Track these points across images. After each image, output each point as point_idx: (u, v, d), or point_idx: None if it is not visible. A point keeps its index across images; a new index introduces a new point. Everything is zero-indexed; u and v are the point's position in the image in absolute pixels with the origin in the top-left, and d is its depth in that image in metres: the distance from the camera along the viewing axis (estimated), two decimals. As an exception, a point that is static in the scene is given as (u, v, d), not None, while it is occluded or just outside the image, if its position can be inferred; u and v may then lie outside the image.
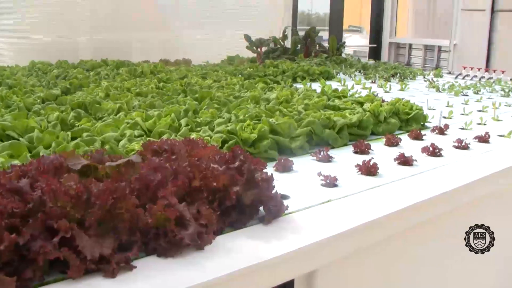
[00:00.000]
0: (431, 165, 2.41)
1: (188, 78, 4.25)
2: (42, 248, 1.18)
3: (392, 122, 3.00)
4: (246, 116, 2.66)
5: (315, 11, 9.59)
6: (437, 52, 9.47)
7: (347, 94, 3.72)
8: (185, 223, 1.39)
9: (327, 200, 1.87)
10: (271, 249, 1.46)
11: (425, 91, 4.73)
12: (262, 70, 4.86)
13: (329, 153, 2.41)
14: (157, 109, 2.89)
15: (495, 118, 3.52)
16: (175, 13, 6.57)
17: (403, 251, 2.09)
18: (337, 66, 5.90)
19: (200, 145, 1.76)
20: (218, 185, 1.52)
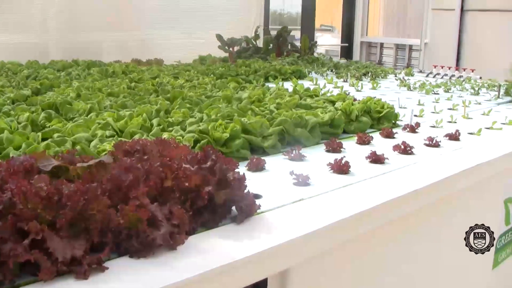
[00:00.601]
0: (402, 163, 2.43)
1: (160, 78, 4.23)
2: (13, 251, 1.17)
3: (363, 120, 3.02)
4: (218, 115, 2.66)
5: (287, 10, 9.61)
6: (408, 51, 9.56)
7: (319, 93, 3.74)
8: (157, 223, 1.38)
9: (299, 199, 1.88)
10: (244, 249, 1.47)
11: (397, 89, 4.77)
12: (234, 70, 4.85)
13: (301, 152, 2.42)
14: (129, 109, 2.87)
15: (465, 116, 3.57)
16: (147, 13, 6.53)
17: (375, 248, 2.10)
18: (309, 65, 5.92)
19: (172, 145, 1.75)
20: (190, 185, 1.52)
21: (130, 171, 1.48)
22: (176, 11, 6.72)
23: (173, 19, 6.73)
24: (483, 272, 3.00)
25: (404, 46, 9.59)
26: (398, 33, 9.91)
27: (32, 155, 1.53)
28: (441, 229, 2.51)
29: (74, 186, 1.31)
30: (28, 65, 4.82)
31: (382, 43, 9.93)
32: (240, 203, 1.62)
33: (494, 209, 2.95)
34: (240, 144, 2.34)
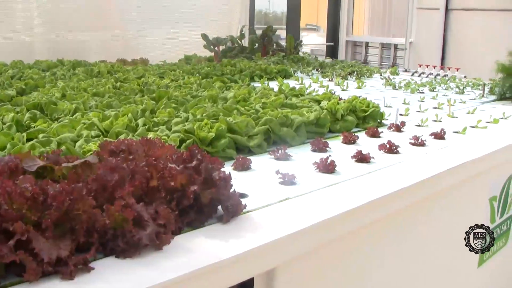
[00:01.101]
0: (388, 162, 2.44)
1: (145, 77, 4.22)
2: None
3: (349, 119, 3.03)
4: (203, 115, 2.66)
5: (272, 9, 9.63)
6: (393, 50, 9.60)
7: (304, 92, 3.74)
8: (143, 223, 1.38)
9: (285, 198, 1.89)
10: (230, 248, 1.47)
11: (382, 88, 4.79)
12: (220, 69, 4.85)
13: (287, 151, 2.42)
14: (114, 109, 2.86)
15: (450, 115, 3.59)
16: (132, 12, 6.50)
17: (361, 247, 2.11)
18: (295, 64, 5.93)
19: (158, 144, 1.75)
20: (175, 185, 1.52)
21: (116, 171, 1.48)
22: (162, 10, 6.70)
23: (159, 18, 6.71)
24: (469, 270, 3.02)
25: (390, 45, 9.63)
26: (383, 32, 9.96)
27: (17, 156, 1.53)
28: (427, 227, 2.53)
29: (59, 186, 1.31)
30: (13, 65, 4.79)
31: (367, 42, 9.96)
32: (226, 202, 1.62)
33: (479, 208, 2.97)
34: (225, 143, 2.34)
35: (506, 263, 3.41)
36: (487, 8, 8.09)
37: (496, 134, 3.14)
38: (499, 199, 3.10)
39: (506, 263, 3.39)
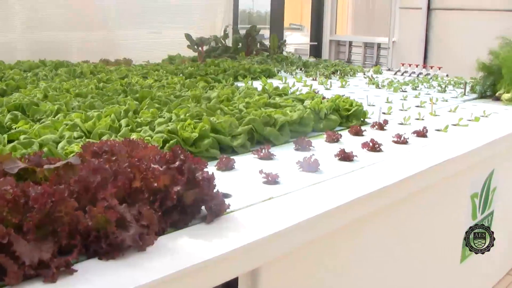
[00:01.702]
0: (371, 160, 2.45)
1: (128, 78, 4.20)
2: (-22, 255, 1.16)
3: (332, 118, 3.04)
4: (187, 115, 2.66)
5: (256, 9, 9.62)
6: (376, 49, 9.63)
7: (288, 92, 3.75)
8: (126, 224, 1.38)
9: (269, 198, 1.89)
10: (214, 248, 1.47)
11: (365, 87, 4.81)
12: (203, 69, 4.84)
13: (270, 150, 2.42)
14: (97, 110, 2.85)
15: (432, 113, 3.62)
16: (116, 12, 6.48)
17: (345, 245, 2.12)
18: (278, 64, 5.94)
19: (141, 145, 1.75)
20: (158, 186, 1.52)
21: (98, 172, 1.47)
22: (145, 10, 6.68)
23: (142, 19, 6.69)
24: (452, 266, 3.04)
25: (373, 45, 9.66)
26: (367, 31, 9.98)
27: (-2, 158, 1.52)
28: (410, 224, 2.54)
29: (41, 188, 1.30)
30: (-6, 66, 4.75)
31: (350, 42, 9.98)
32: (210, 202, 1.62)
33: (461, 204, 2.99)
34: (209, 143, 2.34)
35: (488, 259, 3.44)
36: (468, 8, 8.14)
37: (477, 132, 3.16)
38: (480, 196, 3.13)
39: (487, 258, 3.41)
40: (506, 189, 3.46)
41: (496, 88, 4.43)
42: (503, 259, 3.88)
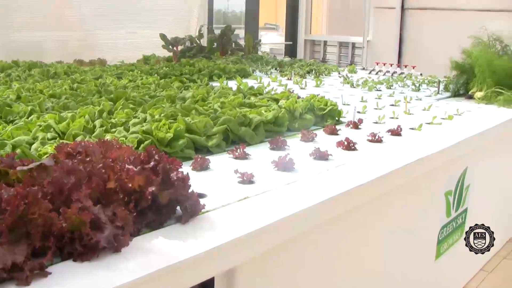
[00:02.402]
0: (346, 159, 2.47)
1: (103, 78, 4.18)
2: (-51, 258, 1.15)
3: (307, 118, 3.05)
4: (161, 115, 2.65)
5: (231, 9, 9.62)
6: (351, 48, 9.68)
7: (263, 92, 3.76)
8: (101, 225, 1.37)
9: (244, 197, 1.89)
10: (189, 248, 1.47)
11: (340, 87, 4.83)
12: (178, 69, 4.83)
13: (245, 150, 2.43)
14: (71, 111, 2.83)
15: (406, 112, 3.65)
16: (89, 12, 6.42)
17: (321, 244, 2.13)
18: (253, 63, 5.94)
19: (115, 146, 1.74)
20: (133, 186, 1.51)
21: (72, 173, 1.46)
22: (119, 10, 6.65)
23: (117, 18, 6.66)
24: (427, 263, 3.07)
25: (347, 44, 9.71)
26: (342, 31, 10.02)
27: (-30, 160, 1.50)
28: (385, 222, 2.56)
29: (14, 190, 1.29)
30: (-34, 67, 4.69)
31: (325, 41, 10.01)
32: (185, 203, 1.62)
33: (435, 202, 3.03)
34: (184, 143, 2.34)
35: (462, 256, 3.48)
36: (441, 8, 8.23)
37: (450, 130, 3.20)
38: (454, 193, 3.17)
39: (460, 256, 3.45)
40: (479, 186, 3.51)
41: (469, 87, 4.49)
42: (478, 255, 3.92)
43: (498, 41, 4.65)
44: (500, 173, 4.03)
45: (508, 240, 4.42)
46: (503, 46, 4.68)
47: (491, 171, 3.79)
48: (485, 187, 3.68)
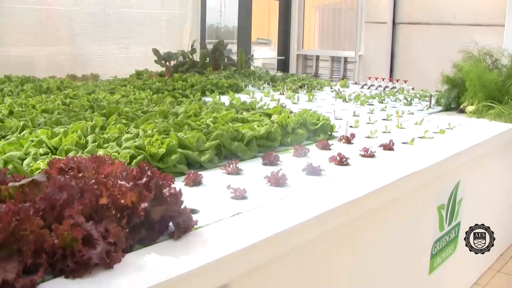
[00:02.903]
0: (338, 174, 2.47)
1: (95, 93, 4.18)
2: None
3: (299, 133, 3.06)
4: (154, 131, 2.65)
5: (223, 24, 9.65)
6: (343, 63, 9.73)
7: (255, 106, 3.76)
8: (93, 242, 1.36)
9: (237, 213, 1.89)
10: (182, 265, 1.46)
11: (332, 101, 4.85)
12: (171, 84, 4.84)
13: (238, 165, 2.43)
14: (64, 126, 2.83)
15: (398, 126, 3.66)
16: (83, 27, 6.42)
17: (314, 259, 2.13)
18: (246, 78, 5.96)
19: (108, 161, 1.74)
20: (125, 202, 1.51)
21: (64, 189, 1.46)
22: (112, 25, 6.66)
23: (110, 33, 6.66)
24: (420, 277, 3.07)
25: (340, 58, 9.76)
26: (333, 45, 10.08)
27: (-39, 176, 1.49)
28: (379, 236, 2.56)
29: (5, 206, 1.28)
30: (-42, 82, 4.68)
31: (318, 56, 10.06)
32: (177, 218, 1.61)
33: (428, 216, 3.03)
34: (176, 159, 2.33)
35: (455, 270, 3.48)
36: (432, 22, 8.29)
37: (442, 144, 3.21)
38: (447, 207, 3.17)
39: (454, 270, 3.46)
40: (472, 199, 3.51)
41: (461, 101, 4.51)
42: (471, 269, 3.93)
43: (488, 55, 4.69)
44: (492, 186, 4.04)
45: (501, 254, 4.43)
46: (493, 60, 4.71)
47: (483, 185, 3.81)
48: (477, 200, 3.69)
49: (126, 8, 6.78)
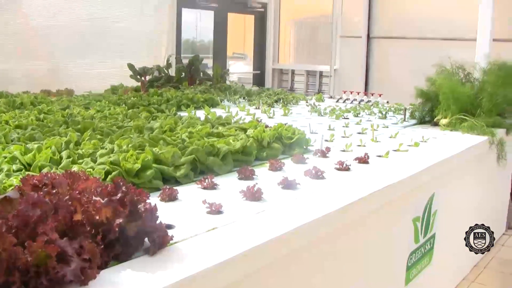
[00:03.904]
0: (314, 188, 2.48)
1: (70, 108, 4.15)
2: None
3: (275, 147, 3.07)
4: (129, 146, 2.64)
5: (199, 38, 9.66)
6: (318, 77, 9.80)
7: (231, 121, 3.77)
8: (67, 259, 1.35)
9: (213, 228, 1.89)
10: (157, 281, 1.46)
11: (308, 115, 4.87)
12: (146, 99, 4.83)
13: (214, 180, 2.42)
14: (37, 142, 2.80)
15: (373, 140, 3.69)
16: (57, 42, 6.39)
17: (290, 273, 2.13)
18: (222, 93, 5.97)
19: (82, 177, 1.73)
20: (100, 218, 1.50)
21: (38, 206, 1.45)
22: (88, 40, 6.63)
23: (85, 48, 6.63)
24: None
25: (315, 73, 9.83)
26: (309, 59, 10.14)
27: None
28: (355, 249, 2.57)
29: (-23, 224, 1.27)
30: None
31: (293, 70, 10.12)
32: (153, 234, 1.61)
33: (403, 228, 3.05)
34: (152, 174, 2.33)
35: (431, 282, 3.50)
36: (406, 37, 8.39)
37: (417, 157, 3.24)
38: (422, 219, 3.20)
39: (431, 281, 3.48)
40: (446, 211, 3.54)
41: (434, 114, 4.56)
42: (447, 280, 3.96)
43: (461, 69, 4.76)
44: (466, 198, 4.08)
45: (475, 264, 4.47)
46: (465, 74, 4.78)
47: (457, 196, 3.84)
48: (452, 212, 3.72)
49: (101, 22, 6.76)
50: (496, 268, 4.41)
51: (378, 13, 8.78)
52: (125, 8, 7.03)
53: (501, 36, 7.07)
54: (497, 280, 4.21)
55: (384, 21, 8.71)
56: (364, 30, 8.82)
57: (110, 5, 6.86)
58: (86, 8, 6.61)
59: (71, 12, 6.46)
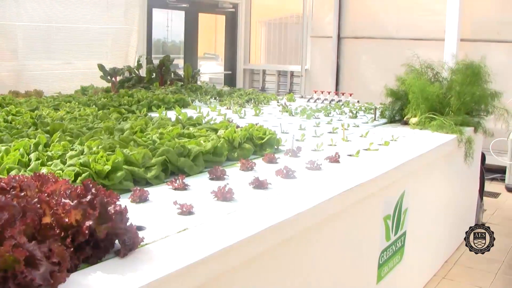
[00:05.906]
0: (285, 187, 2.49)
1: (39, 110, 4.11)
2: None
3: (246, 147, 3.07)
4: (99, 147, 2.62)
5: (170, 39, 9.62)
6: (289, 77, 9.83)
7: (202, 122, 3.76)
8: (36, 262, 1.34)
9: (184, 229, 1.88)
10: (128, 283, 1.45)
11: (279, 115, 4.88)
12: (117, 100, 4.79)
13: (185, 181, 2.42)
14: (5, 144, 2.76)
15: (344, 139, 3.71)
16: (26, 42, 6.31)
17: (262, 273, 2.13)
18: (193, 93, 5.95)
19: (51, 180, 1.71)
20: (70, 221, 1.49)
21: (5, 209, 1.43)
22: (57, 41, 6.56)
23: (54, 49, 6.57)
24: (368, 287, 3.10)
25: (286, 73, 9.86)
26: (280, 60, 10.17)
27: None
28: (327, 247, 2.58)
29: None
30: None
31: (264, 70, 10.14)
32: (123, 236, 1.60)
33: (374, 226, 3.07)
34: (122, 176, 2.31)
35: (403, 279, 3.54)
36: (376, 37, 8.46)
37: (387, 156, 3.27)
38: (393, 217, 3.23)
39: (401, 278, 3.51)
40: (416, 209, 3.58)
41: (404, 113, 4.61)
42: (418, 277, 4.00)
43: (429, 69, 4.81)
44: (436, 196, 4.13)
45: (445, 261, 4.52)
46: (434, 74, 4.83)
47: (427, 195, 3.89)
48: (422, 209, 3.76)
49: (70, 22, 6.70)
50: (466, 264, 4.47)
51: (349, 14, 8.84)
52: (94, 8, 6.98)
53: (468, 36, 7.18)
54: (467, 276, 4.27)
55: (354, 21, 8.77)
56: (334, 30, 8.87)
57: (79, 5, 6.79)
58: (55, 8, 6.53)
59: (37, 12, 6.39)
